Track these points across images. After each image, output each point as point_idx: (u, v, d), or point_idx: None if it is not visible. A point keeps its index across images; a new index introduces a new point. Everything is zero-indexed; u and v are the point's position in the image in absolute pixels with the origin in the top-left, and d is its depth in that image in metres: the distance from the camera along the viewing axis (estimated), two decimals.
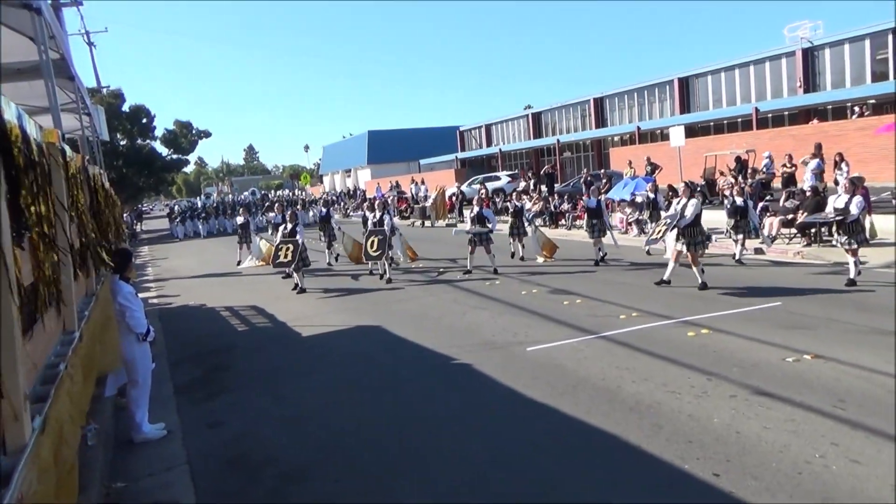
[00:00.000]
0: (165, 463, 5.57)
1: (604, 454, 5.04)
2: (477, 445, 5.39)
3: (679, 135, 20.66)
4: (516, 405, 6.21)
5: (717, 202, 19.95)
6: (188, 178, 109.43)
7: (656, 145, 31.70)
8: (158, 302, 14.12)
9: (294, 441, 5.83)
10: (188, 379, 8.07)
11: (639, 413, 5.68)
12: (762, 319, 8.32)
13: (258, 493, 4.92)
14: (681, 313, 8.88)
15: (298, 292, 13.21)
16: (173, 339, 10.18)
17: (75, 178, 5.00)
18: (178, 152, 47.27)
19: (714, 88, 36.51)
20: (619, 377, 6.62)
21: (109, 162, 33.38)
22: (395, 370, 7.70)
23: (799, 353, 6.85)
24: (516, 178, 33.74)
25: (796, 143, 22.75)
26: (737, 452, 4.79)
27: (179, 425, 6.44)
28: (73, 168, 4.83)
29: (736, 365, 6.67)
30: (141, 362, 6.04)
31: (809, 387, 5.92)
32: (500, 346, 8.16)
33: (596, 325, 8.71)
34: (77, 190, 5.08)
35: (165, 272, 19.74)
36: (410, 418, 6.14)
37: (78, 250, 5.03)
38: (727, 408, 5.62)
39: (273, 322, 10.98)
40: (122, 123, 41.59)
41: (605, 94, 43.84)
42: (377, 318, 10.35)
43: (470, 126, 60.20)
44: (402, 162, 59.40)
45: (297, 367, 8.15)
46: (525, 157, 49.02)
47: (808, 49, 31.02)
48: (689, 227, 10.40)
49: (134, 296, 6.01)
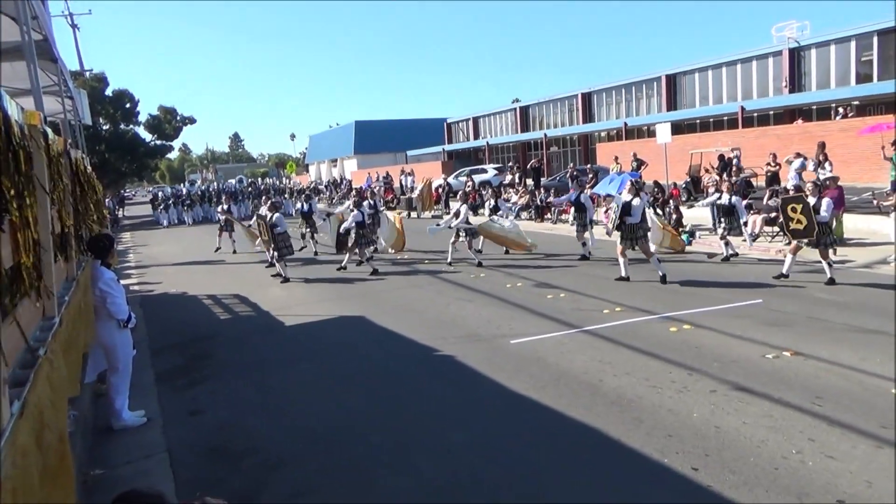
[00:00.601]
0: (145, 451, 5.53)
1: (585, 447, 5.08)
2: (459, 436, 5.42)
3: (665, 132, 20.75)
4: (499, 397, 6.23)
5: (702, 199, 20.11)
6: (172, 165, 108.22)
7: (643, 141, 31.87)
8: (140, 289, 13.98)
9: (276, 430, 5.82)
10: (170, 366, 8.01)
11: (620, 407, 5.73)
12: (743, 316, 8.41)
13: (239, 481, 4.90)
14: (663, 309, 8.95)
15: (282, 281, 13.17)
16: (155, 327, 10.10)
17: (57, 162, 4.93)
18: (162, 138, 46.68)
19: (701, 86, 36.70)
20: (601, 371, 6.67)
21: (92, 146, 32.88)
22: (379, 361, 7.70)
23: (778, 349, 6.93)
24: (503, 171, 33.77)
25: (781, 143, 22.97)
26: (715, 447, 4.85)
27: (160, 413, 6.41)
28: (54, 151, 4.76)
29: (716, 360, 6.74)
30: (122, 349, 5.98)
31: (788, 383, 6.00)
32: (484, 338, 8.19)
33: (579, 319, 8.75)
34: (58, 174, 5.01)
35: (147, 259, 19.55)
36: (394, 409, 6.14)
37: (59, 235, 4.96)
38: (707, 403, 5.68)
39: (257, 311, 10.92)
40: (105, 108, 40.98)
41: (593, 90, 43.93)
42: (362, 308, 10.33)
43: (457, 118, 60.13)
44: (388, 153, 59.27)
45: (280, 357, 8.12)
46: (512, 151, 49.04)
47: (794, 49, 31.26)
48: (634, 225, 10.71)
49: (115, 282, 5.94)
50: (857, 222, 14.06)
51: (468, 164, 42.99)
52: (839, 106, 27.25)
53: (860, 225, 14.04)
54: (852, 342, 7.07)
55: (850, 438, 4.84)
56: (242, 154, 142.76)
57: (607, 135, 40.81)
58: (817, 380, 6.04)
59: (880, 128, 18.56)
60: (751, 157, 21.67)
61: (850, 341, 7.11)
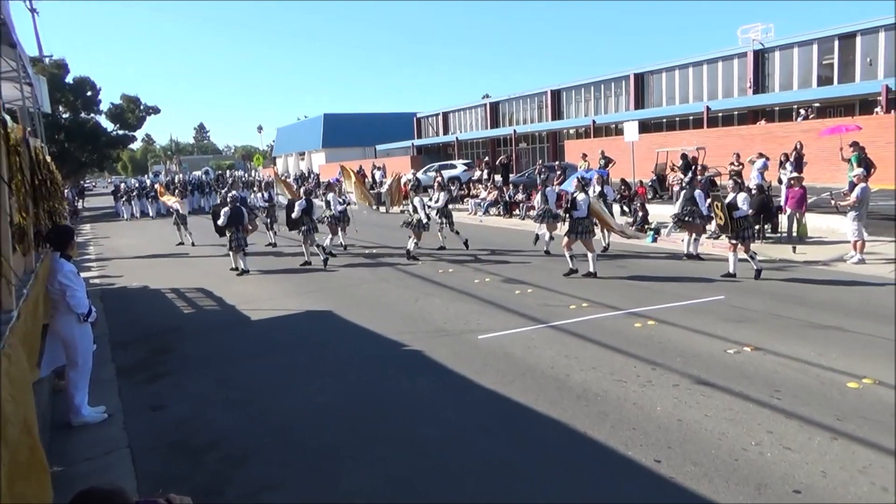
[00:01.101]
0: (105, 447, 5.41)
1: (551, 440, 5.12)
2: (426, 429, 5.42)
3: (633, 130, 21.03)
4: (467, 391, 6.25)
5: (667, 196, 20.44)
6: (134, 156, 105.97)
7: (611, 139, 32.21)
8: (100, 282, 13.67)
9: (239, 425, 5.75)
10: (131, 361, 7.85)
11: (586, 401, 5.80)
12: (706, 312, 8.57)
13: (202, 477, 4.83)
14: (628, 305, 9.08)
15: (239, 274, 13.09)
16: (116, 321, 9.89)
17: (16, 151, 4.78)
18: (125, 128, 45.65)
19: (668, 86, 37.24)
20: (567, 366, 6.74)
21: (50, 135, 32.05)
22: (346, 355, 7.65)
23: (739, 345, 7.09)
24: (472, 166, 33.80)
25: (744, 143, 23.44)
26: (678, 439, 4.94)
27: (121, 408, 6.28)
28: (13, 140, 4.61)
29: (680, 355, 6.86)
30: (81, 343, 5.84)
31: (748, 377, 6.13)
32: (451, 333, 8.20)
33: (546, 314, 8.82)
34: (17, 163, 4.86)
35: (108, 251, 19.12)
36: (360, 403, 6.12)
37: (17, 225, 4.82)
38: (670, 396, 5.78)
39: (221, 305, 10.77)
40: (66, 95, 39.91)
41: (562, 87, 44.24)
42: (329, 302, 10.26)
43: (427, 113, 60.01)
44: (358, 147, 58.88)
45: (244, 351, 8.02)
46: (482, 147, 49.13)
47: (759, 51, 31.91)
48: (581, 219, 11.13)
49: (75, 274, 5.79)
50: (817, 221, 14.44)
51: (437, 160, 42.95)
52: (801, 107, 27.90)
53: (819, 224, 14.42)
54: (810, 338, 7.26)
55: (806, 431, 4.97)
56: (208, 145, 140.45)
57: (576, 132, 41.16)
58: (776, 374, 6.19)
59: (839, 129, 19.08)
60: (715, 157, 22.07)
61: (808, 337, 7.30)
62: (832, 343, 7.04)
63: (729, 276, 10.52)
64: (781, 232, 14.15)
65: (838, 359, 6.50)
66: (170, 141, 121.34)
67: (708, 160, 21.25)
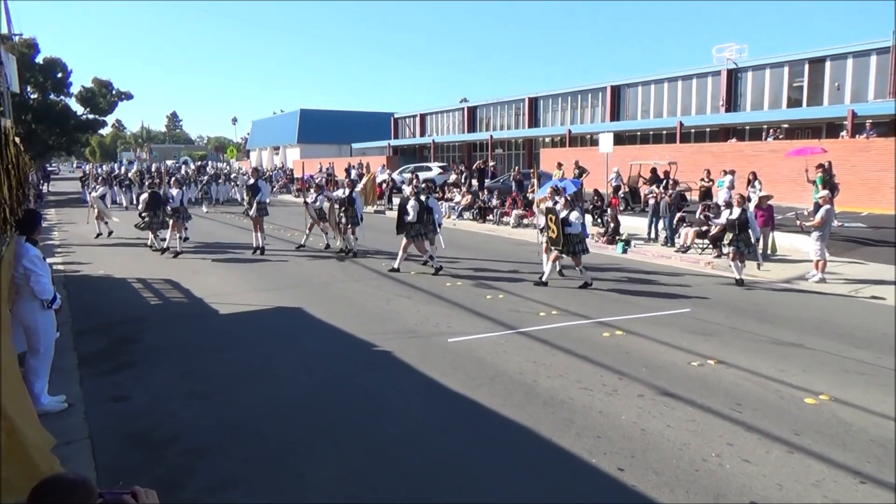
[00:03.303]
0: (65, 437, 5.29)
1: (516, 444, 5.17)
2: (390, 428, 5.43)
3: (608, 141, 21.29)
4: (434, 393, 6.27)
5: (639, 209, 20.74)
6: (104, 141, 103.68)
7: (585, 149, 32.59)
8: (64, 269, 13.36)
9: (201, 418, 5.69)
10: (93, 350, 7.69)
11: (552, 407, 5.86)
12: (672, 324, 8.72)
13: (162, 470, 4.77)
14: (597, 314, 9.19)
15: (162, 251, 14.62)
16: (79, 309, 9.68)
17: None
18: (95, 112, 44.57)
19: (644, 99, 37.81)
20: (535, 372, 6.80)
21: (17, 116, 31.17)
22: (312, 352, 7.61)
23: (703, 357, 7.23)
24: (447, 169, 33.88)
25: (715, 160, 23.91)
26: (641, 448, 5.02)
27: (82, 398, 6.15)
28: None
29: (645, 366, 6.97)
30: (44, 330, 5.73)
31: (710, 390, 6.26)
32: (421, 335, 8.21)
33: (516, 320, 8.89)
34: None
35: (74, 238, 18.69)
36: (324, 399, 6.11)
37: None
38: (635, 406, 5.88)
39: (189, 297, 10.61)
40: (35, 76, 38.83)
41: (540, 95, 44.62)
42: (299, 300, 10.19)
43: (405, 114, 59.97)
44: (333, 144, 58.57)
45: (209, 344, 7.93)
46: (458, 150, 49.28)
47: (732, 70, 32.58)
48: (573, 235, 10.93)
49: (41, 259, 5.68)
50: (782, 240, 14.79)
51: (413, 161, 43.01)
52: (770, 128, 28.56)
53: (784, 242, 14.77)
54: (771, 353, 7.43)
55: (765, 444, 5.10)
56: (180, 135, 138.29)
57: (551, 140, 41.53)
58: (738, 388, 6.33)
59: (805, 151, 19.59)
60: (686, 172, 22.50)
61: (769, 352, 7.47)
62: (791, 359, 7.22)
63: (541, 283, 11.11)
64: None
65: (797, 375, 6.68)
66: (141, 128, 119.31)
67: (679, 175, 21.63)
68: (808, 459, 4.84)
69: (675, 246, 15.23)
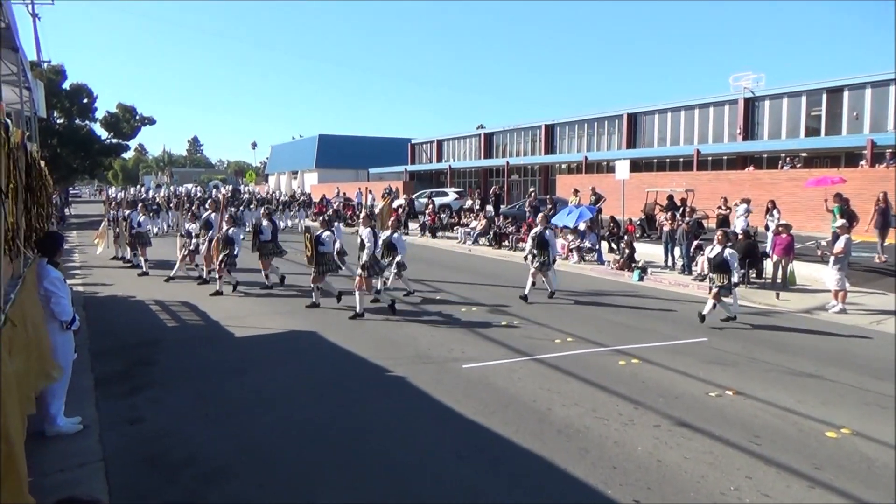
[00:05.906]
0: (79, 458, 5.33)
1: (530, 474, 5.10)
2: (403, 455, 5.39)
3: (624, 168, 21.30)
4: (446, 419, 6.23)
5: (656, 236, 20.64)
6: (126, 165, 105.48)
7: (601, 176, 32.57)
8: (84, 290, 13.53)
9: (216, 441, 5.69)
10: (110, 372, 7.75)
11: (567, 436, 5.79)
12: (689, 353, 8.62)
13: (174, 493, 4.77)
14: (613, 342, 9.12)
15: (213, 294, 12.86)
16: (97, 330, 9.78)
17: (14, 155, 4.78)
18: (119, 137, 45.42)
19: (660, 127, 37.81)
20: (549, 400, 6.74)
21: (43, 140, 31.83)
22: (326, 377, 7.61)
23: (721, 388, 7.13)
24: (463, 195, 34.00)
25: (732, 188, 23.80)
26: (657, 480, 4.94)
27: (97, 420, 6.18)
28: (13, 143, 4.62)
29: (661, 395, 6.88)
30: (62, 351, 5.78)
31: (728, 421, 6.16)
32: (435, 360, 8.18)
33: (531, 347, 8.84)
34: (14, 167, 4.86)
35: (94, 260, 18.95)
36: (338, 424, 6.08)
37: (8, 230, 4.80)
38: (651, 437, 5.79)
39: (205, 320, 10.69)
40: (61, 101, 39.77)
41: (556, 122, 44.78)
42: (313, 324, 10.22)
43: (422, 140, 60.42)
44: (351, 169, 59.09)
45: (225, 367, 7.95)
46: (474, 176, 49.47)
47: (749, 99, 32.55)
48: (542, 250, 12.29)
49: (61, 281, 5.76)
50: (802, 269, 14.61)
51: (430, 186, 43.18)
52: (788, 156, 28.41)
53: (804, 272, 14.59)
54: (789, 385, 7.32)
55: (784, 478, 4.99)
56: (200, 159, 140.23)
57: (568, 167, 41.58)
58: (756, 419, 6.23)
59: (824, 181, 19.42)
60: (703, 200, 22.38)
61: (787, 383, 7.36)
62: (810, 391, 7.10)
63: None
64: (766, 278, 14.30)
65: (816, 407, 6.56)
66: (163, 152, 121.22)
67: (697, 202, 21.55)
68: (830, 495, 4.73)
69: (691, 274, 15.12)
